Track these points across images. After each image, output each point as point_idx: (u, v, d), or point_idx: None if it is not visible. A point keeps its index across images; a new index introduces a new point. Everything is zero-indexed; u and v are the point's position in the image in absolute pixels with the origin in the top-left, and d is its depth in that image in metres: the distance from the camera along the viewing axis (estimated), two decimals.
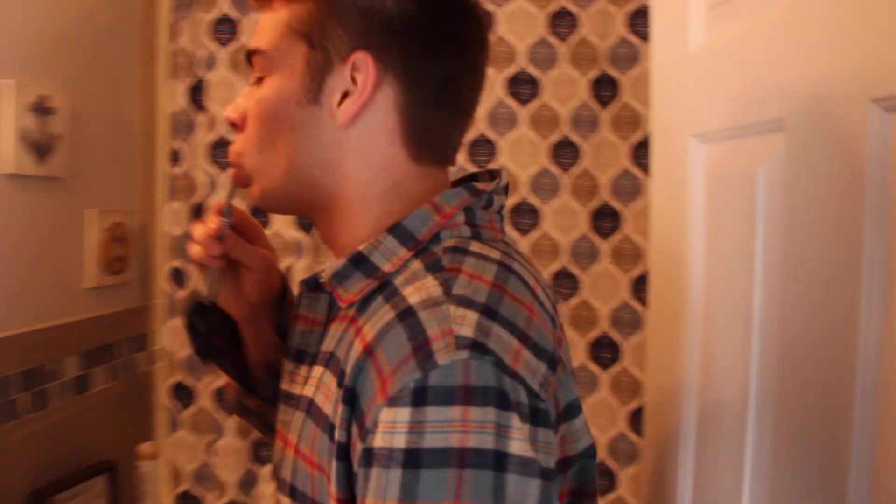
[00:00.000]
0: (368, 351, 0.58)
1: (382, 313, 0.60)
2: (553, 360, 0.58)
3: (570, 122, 1.99)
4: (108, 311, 1.92)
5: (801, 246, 0.77)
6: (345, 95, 0.69)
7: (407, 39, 0.68)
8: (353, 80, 0.68)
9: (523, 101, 2.02)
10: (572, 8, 1.96)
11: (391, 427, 0.53)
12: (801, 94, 0.77)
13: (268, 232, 1.34)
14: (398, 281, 0.65)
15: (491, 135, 2.03)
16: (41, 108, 1.65)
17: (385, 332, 0.58)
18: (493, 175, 0.78)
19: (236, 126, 0.76)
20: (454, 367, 0.53)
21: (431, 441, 0.51)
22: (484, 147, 2.04)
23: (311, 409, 0.69)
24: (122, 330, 1.97)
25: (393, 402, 0.53)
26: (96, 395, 1.84)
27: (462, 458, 0.50)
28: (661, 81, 1.10)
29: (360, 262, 0.68)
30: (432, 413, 0.52)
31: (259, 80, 0.73)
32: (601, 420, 1.99)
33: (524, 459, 0.52)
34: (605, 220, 1.99)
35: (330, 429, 0.63)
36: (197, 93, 2.06)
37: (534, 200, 2.02)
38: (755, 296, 0.86)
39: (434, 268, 0.63)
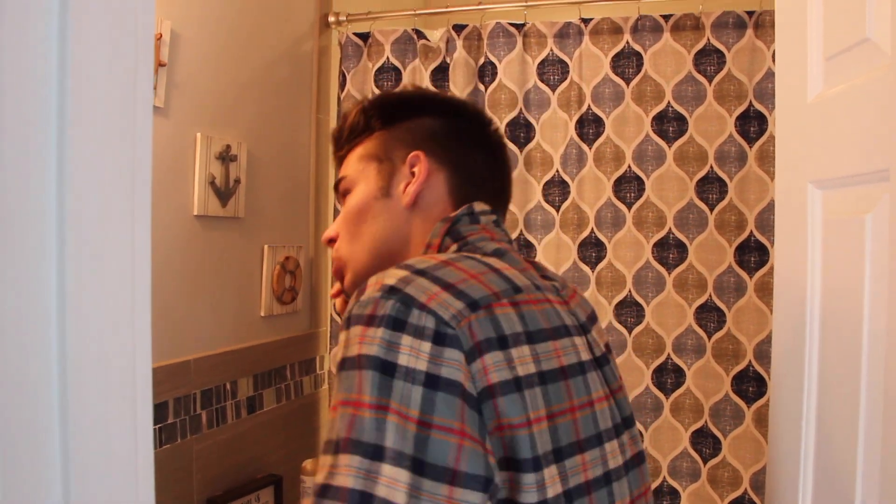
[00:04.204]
0: None
1: None
2: (474, 304, 0.72)
3: (714, 157, 1.99)
4: (278, 337, 2.11)
5: None
6: (406, 186, 0.93)
7: (447, 142, 0.96)
8: (413, 173, 0.94)
9: (670, 139, 2.03)
10: (718, 45, 1.97)
11: (336, 349, 0.72)
12: None
13: None
14: None
15: (638, 171, 2.06)
16: (226, 157, 1.86)
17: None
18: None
19: (333, 241, 1.01)
20: (367, 302, 0.71)
21: (347, 352, 0.69)
22: (633, 183, 2.07)
23: None
24: (291, 355, 2.16)
25: (342, 328, 0.73)
26: (267, 414, 2.03)
27: (360, 361, 0.68)
28: (783, 128, 1.12)
29: None
30: (350, 332, 0.71)
31: (345, 198, 1.00)
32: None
33: (409, 369, 0.66)
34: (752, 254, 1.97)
35: None
36: None
37: (679, 235, 2.02)
38: (864, 338, 0.87)
39: None
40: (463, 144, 0.96)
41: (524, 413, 0.69)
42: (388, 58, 2.25)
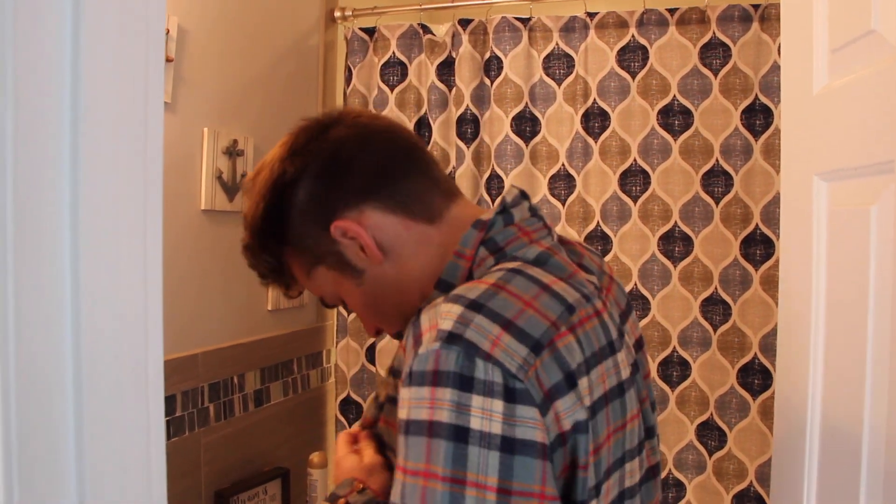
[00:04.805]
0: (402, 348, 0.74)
1: None
2: (538, 346, 0.67)
3: (720, 151, 1.99)
4: (286, 331, 2.12)
5: None
6: (363, 251, 0.84)
7: (336, 186, 0.84)
8: (352, 238, 0.84)
9: (675, 132, 2.04)
10: (724, 38, 1.97)
11: (401, 402, 0.67)
12: None
13: None
14: None
15: (644, 165, 2.06)
16: (233, 152, 1.87)
17: (406, 331, 0.73)
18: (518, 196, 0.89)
19: (380, 330, 0.94)
20: (428, 356, 0.65)
21: (414, 414, 0.65)
22: (638, 177, 2.07)
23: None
24: (297, 349, 2.17)
25: (404, 382, 0.68)
26: (274, 408, 2.05)
27: (430, 429, 0.63)
28: (789, 121, 1.12)
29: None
30: (414, 392, 0.65)
31: (343, 305, 0.93)
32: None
33: (483, 434, 0.62)
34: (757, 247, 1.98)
35: None
36: None
37: (685, 228, 2.03)
38: (869, 329, 0.88)
39: None
40: (347, 170, 0.85)
41: (587, 453, 0.68)
42: (393, 52, 2.25)
